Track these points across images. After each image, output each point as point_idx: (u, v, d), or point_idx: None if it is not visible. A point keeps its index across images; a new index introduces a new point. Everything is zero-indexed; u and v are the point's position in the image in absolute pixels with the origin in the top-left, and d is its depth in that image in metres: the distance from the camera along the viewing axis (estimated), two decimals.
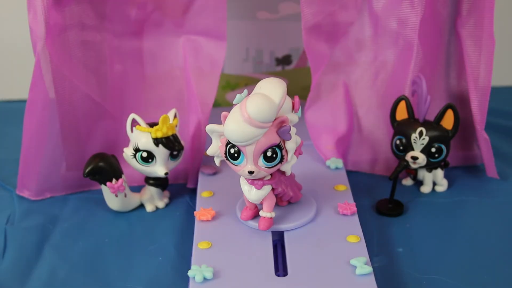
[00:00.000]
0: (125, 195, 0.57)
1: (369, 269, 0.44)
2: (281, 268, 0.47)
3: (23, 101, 0.59)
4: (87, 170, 0.54)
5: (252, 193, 0.48)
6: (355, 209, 0.52)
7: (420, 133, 0.57)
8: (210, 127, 0.48)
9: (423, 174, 0.61)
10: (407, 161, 0.58)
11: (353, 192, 0.56)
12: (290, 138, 0.46)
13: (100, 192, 0.58)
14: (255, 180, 0.47)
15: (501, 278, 0.48)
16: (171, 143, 0.56)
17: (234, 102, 0.45)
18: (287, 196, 0.50)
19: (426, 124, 0.58)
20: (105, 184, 0.55)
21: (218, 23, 0.62)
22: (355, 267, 0.44)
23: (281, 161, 0.46)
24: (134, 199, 0.58)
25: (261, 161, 0.45)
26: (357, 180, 0.63)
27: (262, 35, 0.74)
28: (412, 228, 0.55)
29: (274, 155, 0.45)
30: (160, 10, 0.63)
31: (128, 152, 0.56)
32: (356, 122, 0.65)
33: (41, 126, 0.59)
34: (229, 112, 0.45)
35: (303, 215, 0.51)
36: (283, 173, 0.49)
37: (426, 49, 0.60)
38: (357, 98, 0.65)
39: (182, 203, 0.61)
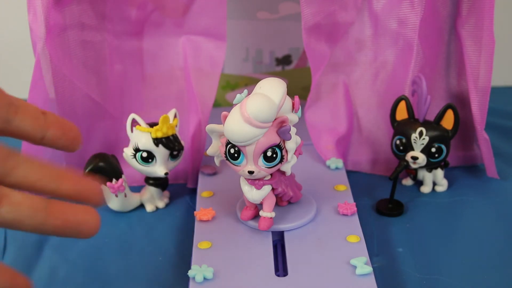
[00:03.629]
0: (125, 195, 0.57)
1: (369, 269, 0.44)
2: (281, 268, 0.47)
3: None
4: (87, 170, 0.54)
5: (252, 193, 0.48)
6: (355, 209, 0.52)
7: (420, 133, 0.57)
8: (210, 127, 0.48)
9: (423, 174, 0.61)
10: (407, 161, 0.58)
11: (353, 192, 0.56)
12: (290, 138, 0.46)
13: None
14: (255, 180, 0.47)
15: (501, 278, 0.48)
16: (171, 143, 0.56)
17: (234, 102, 0.45)
18: (287, 196, 0.50)
19: (426, 124, 0.58)
20: (105, 184, 0.55)
21: (218, 23, 0.62)
22: (355, 267, 0.44)
23: (281, 161, 0.46)
24: (134, 199, 0.58)
25: (261, 161, 0.45)
26: (357, 180, 0.63)
27: (262, 35, 0.74)
28: (412, 228, 0.55)
29: (274, 155, 0.45)
30: (160, 10, 0.63)
31: (128, 152, 0.56)
32: (356, 122, 0.65)
33: None
34: (229, 112, 0.45)
35: (303, 215, 0.51)
36: (283, 173, 0.49)
37: (426, 49, 0.60)
38: (357, 98, 0.65)
39: (182, 203, 0.61)
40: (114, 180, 0.55)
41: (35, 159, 0.31)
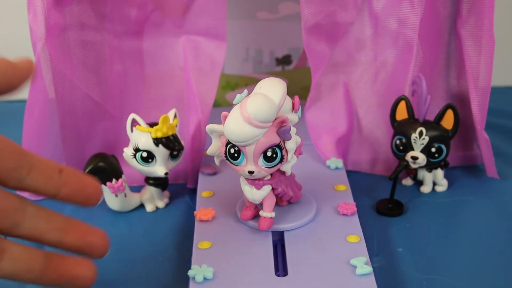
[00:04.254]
0: (125, 195, 0.57)
1: (369, 269, 0.44)
2: (281, 268, 0.47)
3: (23, 101, 0.59)
4: (87, 170, 0.54)
5: (252, 193, 0.48)
6: (355, 209, 0.52)
7: (420, 133, 0.57)
8: (210, 127, 0.48)
9: (423, 174, 0.61)
10: (407, 161, 0.58)
11: (353, 192, 0.56)
12: (290, 138, 0.46)
13: None
14: (255, 180, 0.47)
15: (501, 278, 0.48)
16: (171, 143, 0.56)
17: (234, 102, 0.45)
18: (287, 196, 0.50)
19: (426, 124, 0.58)
20: (105, 184, 0.55)
21: (218, 23, 0.62)
22: (355, 267, 0.44)
23: (281, 161, 0.46)
24: (134, 199, 0.58)
25: (261, 161, 0.45)
26: (357, 180, 0.63)
27: (262, 35, 0.74)
28: (412, 228, 0.55)
29: (274, 155, 0.45)
30: (160, 10, 0.63)
31: (128, 152, 0.56)
32: (356, 122, 0.65)
33: (41, 126, 0.59)
34: (229, 112, 0.45)
35: (303, 215, 0.51)
36: (283, 173, 0.49)
37: (426, 49, 0.60)
38: (357, 98, 0.65)
39: (182, 203, 0.61)
40: (114, 180, 0.55)
41: (43, 209, 0.33)
